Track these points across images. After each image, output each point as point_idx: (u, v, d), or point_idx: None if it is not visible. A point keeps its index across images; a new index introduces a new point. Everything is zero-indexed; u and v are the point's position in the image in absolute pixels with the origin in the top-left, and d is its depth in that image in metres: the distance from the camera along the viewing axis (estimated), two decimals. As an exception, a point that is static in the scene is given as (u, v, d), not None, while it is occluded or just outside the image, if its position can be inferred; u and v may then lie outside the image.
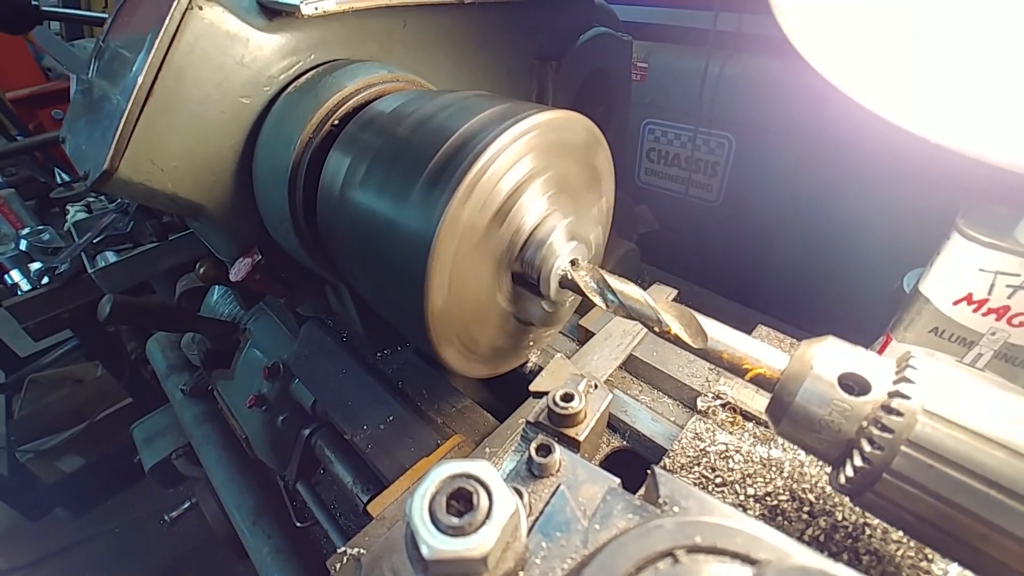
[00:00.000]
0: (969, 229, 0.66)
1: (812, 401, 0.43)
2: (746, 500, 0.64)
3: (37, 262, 1.65)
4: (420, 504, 0.28)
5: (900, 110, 0.53)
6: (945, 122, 0.52)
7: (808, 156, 1.50)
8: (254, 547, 1.21)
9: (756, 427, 0.74)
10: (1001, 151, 0.51)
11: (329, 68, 0.77)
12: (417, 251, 0.56)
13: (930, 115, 0.52)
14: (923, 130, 0.53)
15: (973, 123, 0.51)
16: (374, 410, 0.91)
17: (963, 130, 0.51)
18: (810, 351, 0.45)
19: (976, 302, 0.68)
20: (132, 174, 0.69)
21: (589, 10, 1.19)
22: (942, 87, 0.50)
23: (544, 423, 0.51)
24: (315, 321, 1.13)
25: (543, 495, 0.39)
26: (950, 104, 0.51)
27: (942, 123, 0.52)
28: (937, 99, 0.51)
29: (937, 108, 0.51)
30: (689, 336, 0.51)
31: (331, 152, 0.70)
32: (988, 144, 0.51)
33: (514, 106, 0.61)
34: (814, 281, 1.63)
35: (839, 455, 0.43)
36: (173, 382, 1.58)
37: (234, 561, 1.49)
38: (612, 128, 1.34)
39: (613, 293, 0.56)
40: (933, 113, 0.52)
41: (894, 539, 0.58)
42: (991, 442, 0.36)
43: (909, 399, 0.39)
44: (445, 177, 0.55)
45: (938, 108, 0.51)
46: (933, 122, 0.52)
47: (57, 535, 2.55)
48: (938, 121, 0.52)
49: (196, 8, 0.68)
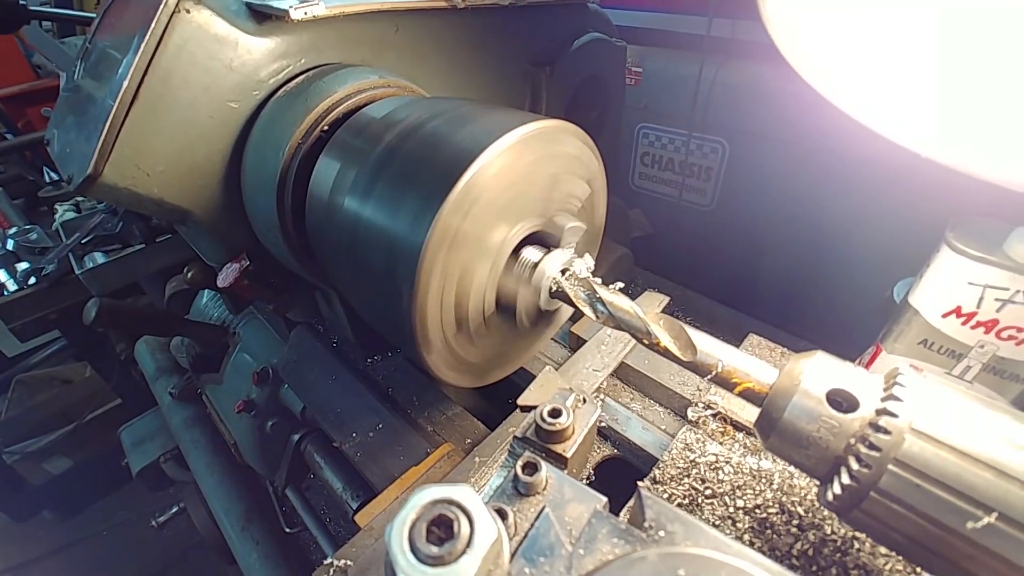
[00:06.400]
0: (958, 242, 0.67)
1: (800, 417, 0.43)
2: (735, 512, 0.64)
3: (24, 262, 1.63)
4: (400, 531, 0.27)
5: (891, 125, 0.53)
6: (935, 138, 0.52)
7: (801, 162, 1.50)
8: (242, 553, 1.20)
9: (746, 438, 0.73)
10: (989, 167, 0.51)
11: (319, 73, 0.76)
12: (406, 260, 0.55)
13: (921, 131, 0.52)
14: (914, 145, 0.52)
15: (963, 139, 0.51)
16: (364, 417, 0.90)
17: (953, 146, 0.51)
18: (799, 366, 0.45)
19: (965, 315, 0.68)
20: (117, 179, 0.68)
21: (583, 15, 1.19)
22: (932, 104, 0.50)
23: (531, 439, 0.50)
24: (305, 326, 1.12)
25: (528, 514, 0.39)
26: (940, 120, 0.51)
27: (933, 139, 0.52)
28: (927, 116, 0.51)
29: (928, 124, 0.51)
30: (678, 348, 0.50)
31: (320, 158, 0.69)
32: (976, 160, 0.51)
33: (506, 115, 0.61)
34: (806, 287, 1.64)
35: (827, 472, 0.43)
36: (162, 385, 1.56)
37: (222, 566, 1.48)
38: (606, 133, 1.34)
39: (603, 304, 0.56)
40: (924, 129, 0.52)
41: (882, 553, 0.58)
42: (979, 462, 0.36)
43: (897, 417, 0.39)
44: (436, 186, 0.54)
45: (929, 124, 0.51)
46: (924, 138, 0.52)
47: (44, 537, 2.52)
48: (929, 137, 0.52)
49: (183, 11, 0.67)
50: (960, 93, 0.49)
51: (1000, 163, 0.49)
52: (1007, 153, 0.49)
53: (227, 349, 1.27)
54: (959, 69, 0.49)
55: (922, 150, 0.54)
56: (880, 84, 0.53)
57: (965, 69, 0.48)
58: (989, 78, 0.47)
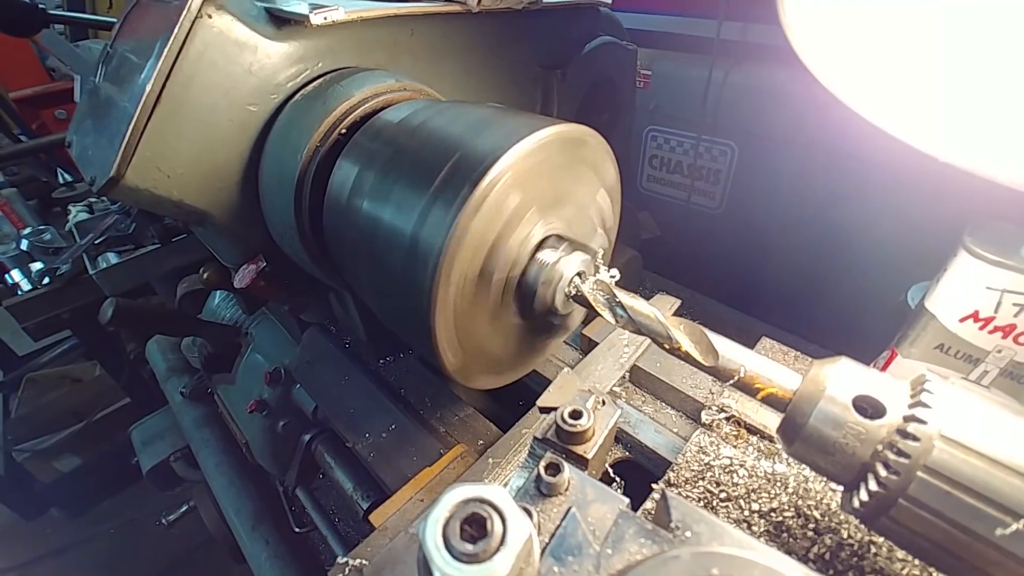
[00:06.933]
0: (976, 247, 0.66)
1: (826, 423, 0.43)
2: (751, 516, 0.64)
3: (38, 262, 1.64)
4: (434, 529, 0.27)
5: (911, 131, 0.53)
6: (953, 142, 0.52)
7: (811, 165, 1.50)
8: (252, 552, 1.21)
9: (760, 441, 0.73)
10: (1008, 171, 0.51)
11: (337, 76, 0.77)
12: (425, 262, 0.56)
13: (938, 135, 0.52)
14: (932, 149, 0.53)
15: (981, 144, 0.51)
16: (376, 418, 0.90)
17: (971, 150, 0.51)
18: (823, 372, 0.45)
19: (982, 320, 0.68)
20: (138, 181, 0.69)
21: (595, 19, 1.19)
22: (950, 108, 0.50)
23: (552, 440, 0.50)
24: (318, 327, 1.12)
25: (552, 514, 0.39)
26: (958, 124, 0.51)
27: (951, 143, 0.52)
28: (945, 120, 0.51)
29: (946, 128, 0.51)
30: (700, 354, 0.50)
31: (339, 161, 0.70)
32: (995, 164, 0.51)
33: (523, 119, 0.61)
34: (816, 291, 1.63)
35: (852, 478, 0.43)
36: (173, 384, 1.57)
37: (230, 565, 1.48)
38: (616, 136, 1.34)
39: (623, 308, 0.56)
40: (941, 133, 0.52)
41: (899, 558, 0.58)
42: (1007, 469, 0.36)
43: (926, 424, 0.39)
44: (455, 190, 0.55)
45: (947, 128, 0.51)
46: (942, 142, 0.52)
47: (53, 535, 2.54)
48: (947, 141, 0.52)
49: (206, 16, 0.68)
50: (978, 97, 0.50)
51: (1021, 168, 0.49)
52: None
53: (239, 349, 1.28)
54: (977, 72, 0.49)
55: (940, 154, 0.54)
56: (899, 88, 0.53)
57: (984, 73, 0.48)
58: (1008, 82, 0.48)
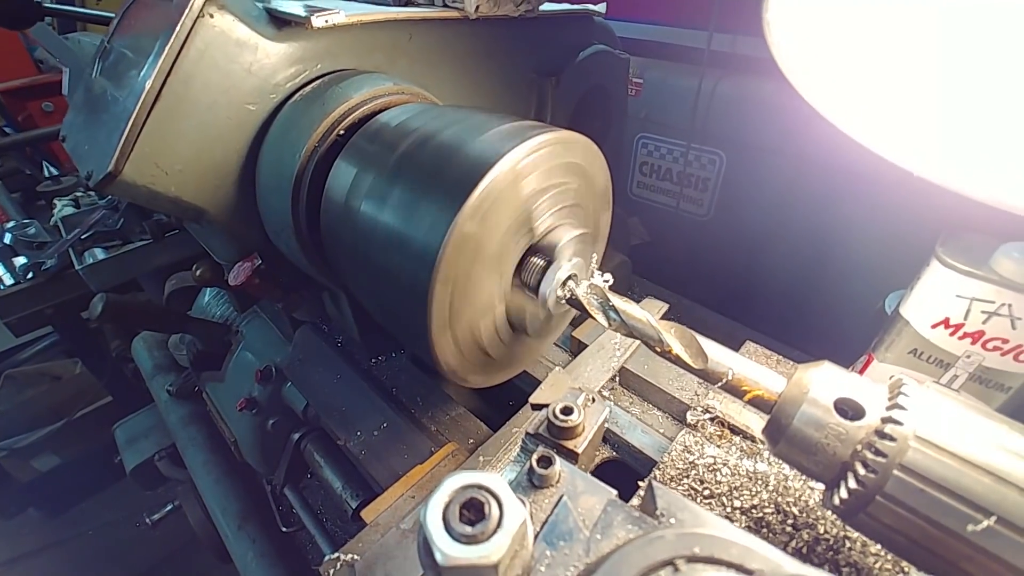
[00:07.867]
0: (947, 257, 0.70)
1: (809, 425, 0.45)
2: (733, 512, 0.66)
3: (21, 256, 1.62)
4: (434, 512, 0.29)
5: (888, 145, 0.56)
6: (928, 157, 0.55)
7: (797, 176, 1.54)
8: (238, 552, 1.20)
9: (743, 441, 0.76)
10: (979, 187, 0.54)
11: (336, 78, 0.78)
12: (422, 264, 0.57)
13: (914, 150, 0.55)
14: (908, 164, 0.55)
15: (954, 160, 0.54)
16: (368, 416, 0.91)
17: (944, 166, 0.54)
18: (807, 375, 0.47)
19: (953, 326, 0.72)
20: (136, 177, 0.69)
21: (589, 28, 1.22)
22: (926, 125, 0.53)
23: (543, 435, 0.52)
24: (310, 326, 1.13)
25: (543, 505, 0.41)
26: (933, 141, 0.54)
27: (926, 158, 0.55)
28: (921, 136, 0.54)
29: (921, 144, 0.54)
30: (690, 357, 0.53)
31: (337, 162, 0.71)
32: (967, 180, 0.54)
33: (520, 125, 0.63)
34: (801, 297, 1.67)
35: (833, 477, 0.45)
36: (159, 382, 1.56)
37: (214, 565, 1.47)
38: (608, 143, 1.37)
39: (616, 312, 0.58)
40: (917, 148, 0.55)
41: (872, 552, 0.60)
42: (978, 468, 0.38)
43: (902, 425, 0.41)
44: (452, 192, 0.56)
45: (922, 144, 0.54)
46: (917, 157, 0.55)
47: (29, 535, 2.49)
48: (922, 156, 0.55)
49: (207, 16, 0.69)
50: (949, 115, 0.53)
51: (988, 183, 0.52)
52: (995, 174, 0.52)
53: (229, 347, 1.28)
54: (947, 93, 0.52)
55: (915, 169, 0.57)
56: (877, 105, 0.56)
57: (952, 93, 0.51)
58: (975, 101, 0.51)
